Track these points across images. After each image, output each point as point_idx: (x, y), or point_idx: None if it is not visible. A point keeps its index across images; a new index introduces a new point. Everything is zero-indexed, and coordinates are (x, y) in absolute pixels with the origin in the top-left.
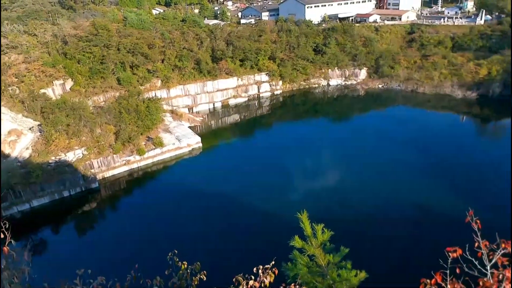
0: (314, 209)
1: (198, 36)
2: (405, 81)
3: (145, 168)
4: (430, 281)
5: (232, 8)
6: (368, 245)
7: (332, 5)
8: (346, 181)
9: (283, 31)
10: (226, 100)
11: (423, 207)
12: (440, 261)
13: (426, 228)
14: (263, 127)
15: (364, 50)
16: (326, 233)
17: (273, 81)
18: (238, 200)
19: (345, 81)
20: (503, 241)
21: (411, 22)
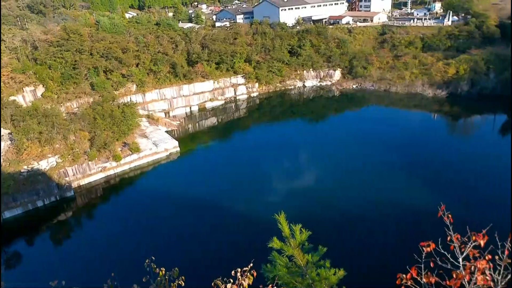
0: (293, 209)
1: (173, 39)
2: (378, 81)
3: (122, 174)
4: (406, 275)
5: (207, 11)
6: (347, 243)
7: (305, 8)
8: (324, 180)
9: (258, 33)
10: (203, 103)
11: (399, 204)
12: (415, 256)
13: (402, 225)
14: (241, 129)
15: (338, 51)
16: (304, 233)
17: (250, 83)
18: (217, 203)
19: (320, 82)
20: (474, 234)
21: (383, 23)
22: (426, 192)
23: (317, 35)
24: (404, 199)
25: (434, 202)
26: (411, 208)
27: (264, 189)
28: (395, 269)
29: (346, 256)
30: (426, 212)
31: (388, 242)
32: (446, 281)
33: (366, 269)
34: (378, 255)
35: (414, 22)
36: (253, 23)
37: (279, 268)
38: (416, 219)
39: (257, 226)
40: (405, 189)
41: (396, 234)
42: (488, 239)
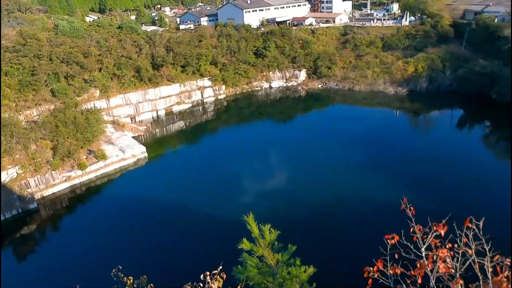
0: (263, 210)
1: (136, 43)
2: (342, 80)
3: (88, 183)
4: (373, 268)
5: (170, 14)
6: (316, 240)
7: (269, 9)
8: (293, 179)
9: (223, 35)
10: (170, 107)
11: (366, 199)
12: (381, 249)
13: (368, 219)
14: (209, 132)
15: (302, 52)
16: (273, 233)
17: (216, 85)
18: (186, 208)
19: (286, 83)
20: (434, 224)
21: (344, 24)
22: (390, 186)
23: (281, 37)
24: (370, 194)
25: (398, 196)
26: (377, 203)
27: (234, 191)
28: (362, 263)
29: (316, 253)
30: (390, 206)
31: (356, 236)
32: (411, 271)
33: (336, 264)
34: (346, 249)
35: (374, 23)
36: (217, 25)
37: (250, 269)
38: (381, 212)
39: (228, 229)
40: (371, 184)
41: (363, 229)
42: (447, 229)
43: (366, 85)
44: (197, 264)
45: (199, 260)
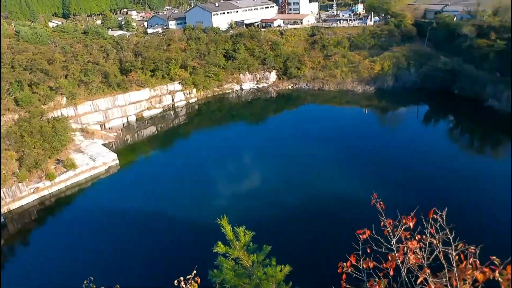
0: (238, 212)
1: (103, 48)
2: (312, 81)
3: (58, 194)
4: (346, 263)
5: (137, 17)
6: (291, 239)
7: (237, 12)
8: (267, 179)
9: (192, 39)
10: (140, 112)
11: (338, 195)
12: (353, 244)
13: (341, 215)
14: (182, 136)
15: (272, 54)
16: (248, 234)
17: (187, 89)
18: (161, 215)
19: (257, 84)
20: (404, 217)
21: (312, 25)
22: (361, 183)
23: (250, 39)
24: (342, 190)
25: (369, 191)
26: (349, 199)
27: (209, 195)
28: (337, 258)
29: (291, 252)
30: (362, 201)
31: (329, 233)
32: (383, 264)
33: (311, 262)
34: (321, 246)
35: (340, 23)
36: (186, 29)
37: (226, 271)
38: (353, 208)
39: (203, 233)
40: (343, 181)
41: (336, 225)
42: (416, 221)
43: (335, 84)
44: (172, 270)
45: (174, 266)
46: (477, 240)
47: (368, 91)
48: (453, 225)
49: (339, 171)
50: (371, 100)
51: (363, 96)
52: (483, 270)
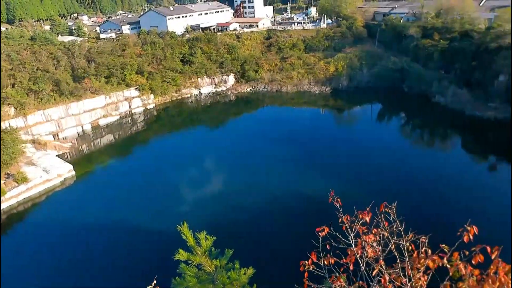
0: (200, 217)
1: (53, 54)
2: (270, 83)
3: (9, 211)
4: (308, 261)
5: (89, 22)
6: (254, 241)
7: (193, 16)
8: (229, 184)
9: (147, 43)
10: (96, 120)
11: (299, 195)
12: (313, 242)
13: (302, 214)
14: (141, 144)
15: (229, 57)
16: (209, 240)
17: (144, 95)
18: (120, 225)
19: (215, 88)
20: (360, 212)
21: (267, 28)
22: (320, 181)
23: (207, 43)
24: (302, 190)
25: (328, 189)
26: (309, 197)
27: (170, 202)
28: (299, 257)
29: (255, 254)
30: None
31: (291, 232)
32: (343, 259)
33: (274, 262)
34: (283, 246)
35: (295, 26)
36: (141, 33)
37: (189, 279)
38: (313, 206)
39: (164, 241)
40: (303, 181)
41: (298, 224)
42: (371, 215)
43: (292, 86)
44: (132, 281)
45: (134, 277)
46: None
47: (324, 91)
48: (402, 217)
49: (299, 171)
50: (327, 100)
51: (320, 97)
52: (433, 258)
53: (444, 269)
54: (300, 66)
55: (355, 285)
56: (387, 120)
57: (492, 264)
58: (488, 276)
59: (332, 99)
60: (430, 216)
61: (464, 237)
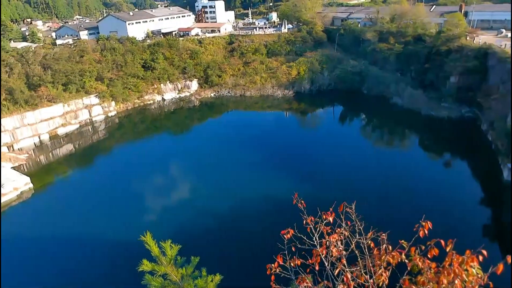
0: (167, 226)
1: (5, 62)
2: (233, 87)
3: None
4: (274, 264)
5: (44, 28)
6: (221, 246)
7: (153, 21)
8: (195, 190)
9: (107, 49)
10: (54, 130)
11: (265, 199)
12: (279, 245)
13: (267, 217)
14: (102, 152)
15: (191, 62)
16: (174, 248)
17: (105, 102)
18: (81, 238)
19: (179, 94)
20: (323, 213)
21: (229, 33)
22: (285, 183)
23: (169, 48)
24: (268, 193)
25: (292, 191)
26: (275, 200)
27: (134, 212)
28: (265, 261)
29: (222, 260)
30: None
31: (257, 236)
32: (309, 260)
33: (241, 267)
34: (250, 251)
35: (257, 31)
36: (99, 39)
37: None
38: (279, 209)
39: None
40: (269, 184)
41: (264, 227)
42: (335, 215)
43: (256, 90)
44: None
45: None
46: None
47: (288, 95)
48: (362, 216)
49: (265, 174)
50: (290, 103)
51: (283, 100)
52: (392, 254)
53: (405, 264)
54: (263, 71)
55: (320, 285)
56: (348, 121)
57: (447, 257)
58: (444, 268)
59: (295, 102)
60: (390, 213)
61: (420, 232)
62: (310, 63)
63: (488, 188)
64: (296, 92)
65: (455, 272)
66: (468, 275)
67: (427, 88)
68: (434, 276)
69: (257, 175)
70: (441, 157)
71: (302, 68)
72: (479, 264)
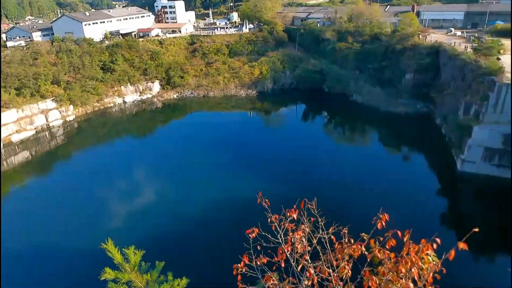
0: (132, 231)
1: None
2: (196, 88)
3: None
4: (240, 264)
5: None
6: (188, 249)
7: (111, 21)
8: (160, 193)
9: (63, 51)
10: (8, 137)
11: (231, 199)
12: (245, 244)
13: (234, 217)
14: (61, 159)
15: (153, 64)
16: (138, 254)
17: (63, 106)
18: (42, 251)
19: (140, 96)
20: (288, 211)
21: (191, 33)
22: (250, 182)
23: (128, 49)
24: (233, 193)
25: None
26: (239, 200)
27: (97, 220)
28: (232, 261)
29: (188, 263)
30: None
31: (223, 237)
32: (275, 258)
33: (207, 269)
34: (216, 252)
35: (218, 31)
36: (54, 40)
37: None
38: (244, 209)
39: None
40: (234, 184)
41: (229, 228)
42: (298, 212)
43: (219, 91)
44: None
45: None
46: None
47: (251, 95)
48: (321, 211)
49: (230, 175)
50: (254, 103)
51: (247, 100)
52: (352, 247)
53: (366, 256)
54: (225, 71)
55: (285, 282)
56: (311, 119)
57: (405, 246)
58: (402, 257)
59: (259, 102)
60: (352, 207)
61: (377, 224)
62: (272, 63)
63: (443, 179)
64: (259, 92)
65: (412, 260)
66: (424, 263)
67: (385, 85)
68: (394, 266)
69: (222, 175)
70: (399, 152)
71: (264, 68)
72: (434, 251)
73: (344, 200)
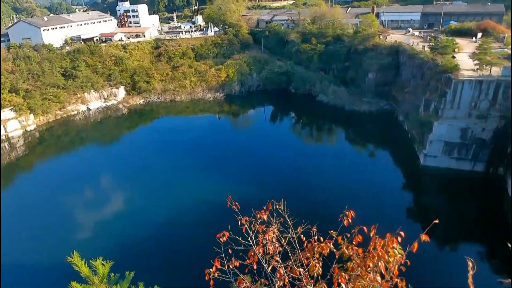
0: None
1: None
2: (163, 93)
3: None
4: (212, 269)
5: None
6: (160, 257)
7: (71, 26)
8: (129, 201)
9: (20, 58)
10: None
11: (202, 204)
12: (215, 248)
13: (205, 222)
14: (22, 170)
15: (117, 69)
16: (106, 265)
17: (22, 116)
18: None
19: (105, 102)
20: (258, 212)
21: (155, 37)
22: (220, 186)
23: (91, 55)
24: (203, 197)
25: (227, 194)
26: (210, 204)
27: (62, 233)
28: (204, 266)
29: (160, 271)
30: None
31: (195, 242)
32: (247, 260)
33: (180, 276)
34: (187, 258)
35: (183, 35)
36: (11, 47)
37: None
38: (214, 213)
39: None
40: (203, 188)
41: (200, 233)
42: (268, 214)
43: (186, 95)
44: None
45: None
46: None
47: (218, 98)
48: (289, 212)
49: (200, 179)
50: (222, 106)
51: (215, 103)
52: (321, 245)
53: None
54: (192, 74)
55: (257, 284)
56: (279, 120)
57: (371, 241)
58: (369, 252)
59: (227, 105)
60: (320, 205)
61: (344, 221)
62: (238, 65)
63: (407, 173)
64: (227, 95)
65: (379, 255)
66: (390, 256)
67: (349, 85)
68: (362, 261)
69: (191, 179)
70: (365, 149)
71: (231, 71)
72: (400, 245)
73: (312, 199)
